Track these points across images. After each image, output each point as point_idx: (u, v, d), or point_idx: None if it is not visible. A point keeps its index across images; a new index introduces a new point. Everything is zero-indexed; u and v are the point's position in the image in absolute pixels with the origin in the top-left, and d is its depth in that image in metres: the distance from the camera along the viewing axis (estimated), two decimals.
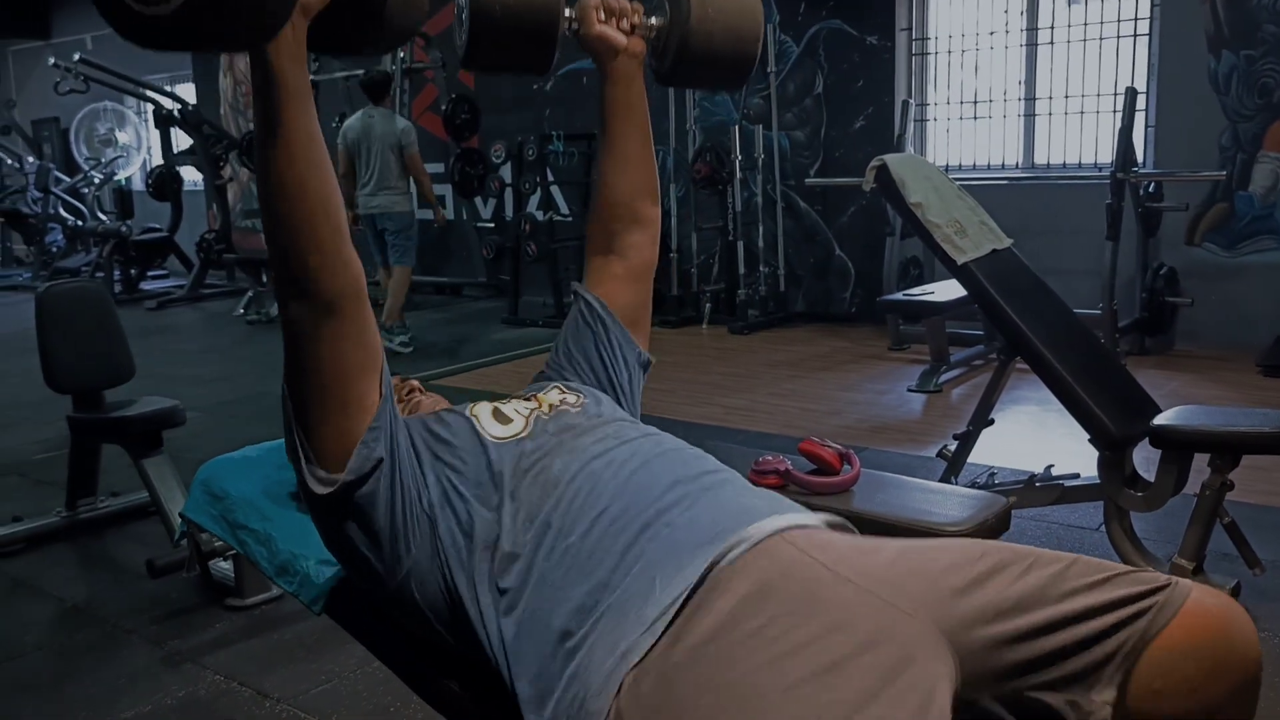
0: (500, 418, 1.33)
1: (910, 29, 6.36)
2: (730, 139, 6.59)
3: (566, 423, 1.33)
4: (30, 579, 3.09)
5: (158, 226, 9.89)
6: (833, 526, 1.22)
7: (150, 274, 9.98)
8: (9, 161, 11.41)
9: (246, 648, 2.58)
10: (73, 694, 2.41)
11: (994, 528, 2.01)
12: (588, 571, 1.13)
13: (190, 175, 10.23)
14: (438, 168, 8.57)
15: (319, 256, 1.14)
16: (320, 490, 1.17)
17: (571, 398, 1.41)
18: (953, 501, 2.07)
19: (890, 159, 2.93)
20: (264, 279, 8.11)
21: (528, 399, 1.39)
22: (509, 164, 7.76)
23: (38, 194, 10.79)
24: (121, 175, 11.31)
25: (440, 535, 1.20)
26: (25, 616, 2.85)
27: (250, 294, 8.10)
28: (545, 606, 1.13)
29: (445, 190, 8.66)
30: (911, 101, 6.15)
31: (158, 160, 10.20)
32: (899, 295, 5.14)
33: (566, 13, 1.45)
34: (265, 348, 6.96)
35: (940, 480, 3.03)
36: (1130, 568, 1.09)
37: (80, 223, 10.84)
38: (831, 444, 2.16)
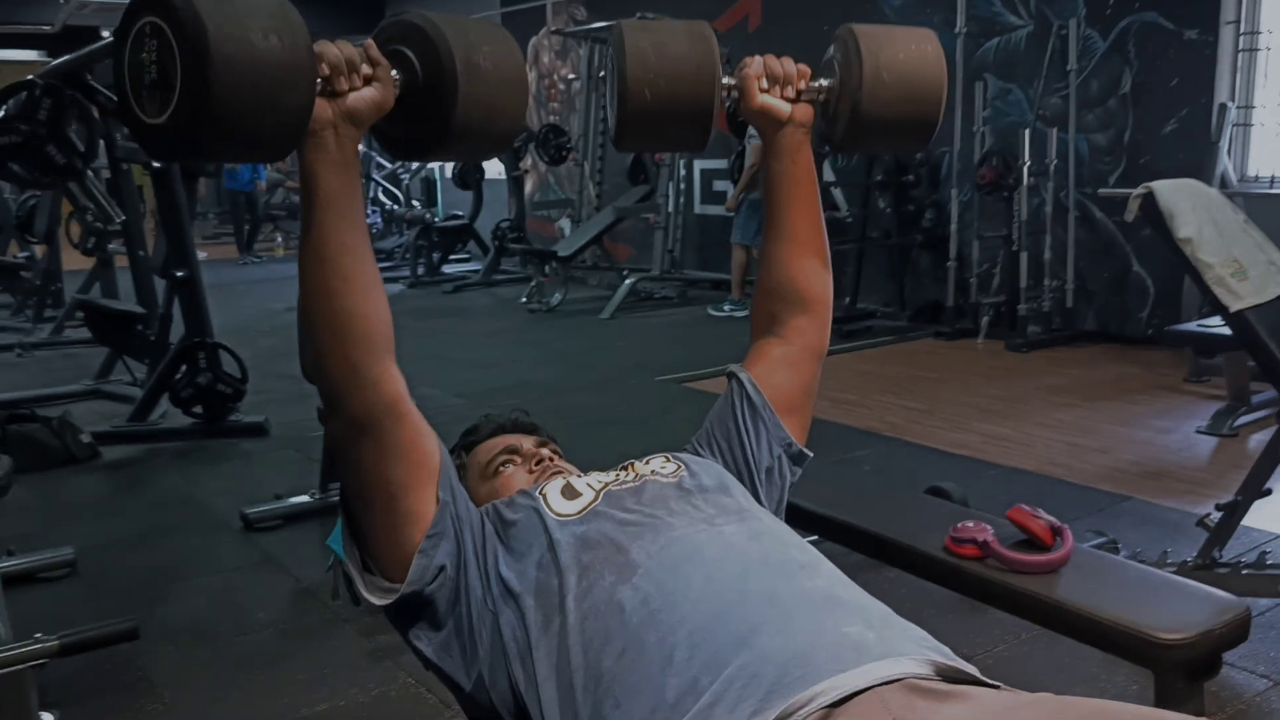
0: (569, 493, 1.25)
1: (1238, 21, 5.66)
2: (1020, 142, 6.15)
3: (653, 495, 1.23)
4: (278, 555, 3.35)
5: (460, 214, 10.52)
6: (945, 675, 1.03)
7: (451, 257, 10.64)
8: None
9: None
10: (282, 677, 2.58)
11: (1222, 639, 1.71)
12: (657, 686, 1.02)
13: (492, 166, 10.81)
14: (720, 163, 8.60)
15: (346, 373, 1.10)
16: (379, 601, 1.15)
17: (670, 466, 1.31)
18: (1177, 600, 1.79)
19: (1159, 186, 2.59)
20: (545, 270, 8.44)
21: (615, 469, 1.31)
22: None
23: None
24: (433, 163, 12.13)
25: (502, 629, 1.14)
26: (264, 592, 3.09)
27: (534, 283, 8.44)
28: (609, 715, 1.04)
29: (726, 186, 8.68)
30: (1232, 104, 5.47)
31: None
32: (1193, 325, 4.58)
33: (726, 80, 1.34)
34: (540, 337, 7.24)
35: (1198, 555, 2.67)
36: None
37: (395, 207, 11.74)
38: (1044, 515, 1.93)
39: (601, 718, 1.03)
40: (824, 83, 1.39)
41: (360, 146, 1.15)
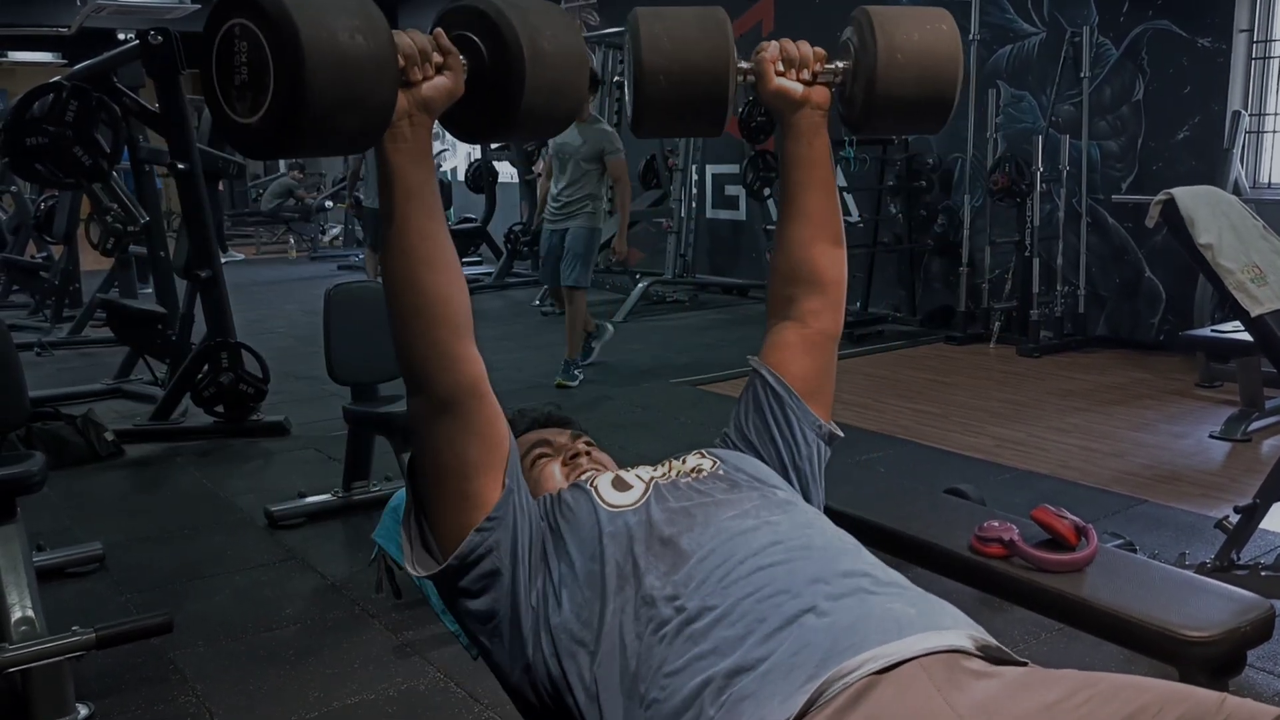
0: (620, 485, 1.28)
1: (1251, 30, 5.69)
2: (1033, 148, 6.18)
3: (698, 489, 1.27)
4: (302, 552, 3.39)
5: (473, 217, 10.57)
6: (985, 652, 1.08)
7: (464, 260, 10.67)
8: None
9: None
10: (311, 671, 2.61)
11: (1247, 637, 1.74)
12: (709, 663, 1.06)
13: (504, 169, 10.85)
14: (732, 168, 8.64)
15: (432, 354, 1.14)
16: (419, 572, 1.19)
17: (707, 462, 1.35)
18: (1202, 599, 1.83)
19: (1180, 193, 2.62)
20: None
21: (656, 464, 1.35)
22: None
23: None
24: (446, 167, 12.17)
25: (551, 622, 1.17)
26: (290, 588, 3.13)
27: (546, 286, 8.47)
28: (660, 693, 1.07)
29: (737, 191, 8.72)
30: (1244, 111, 5.50)
31: (477, 155, 10.89)
32: (1206, 330, 4.61)
33: (742, 64, 1.35)
34: (553, 339, 7.25)
35: (1217, 557, 2.70)
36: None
37: None
38: (1068, 515, 1.96)
39: (654, 697, 1.06)
40: (839, 64, 1.40)
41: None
